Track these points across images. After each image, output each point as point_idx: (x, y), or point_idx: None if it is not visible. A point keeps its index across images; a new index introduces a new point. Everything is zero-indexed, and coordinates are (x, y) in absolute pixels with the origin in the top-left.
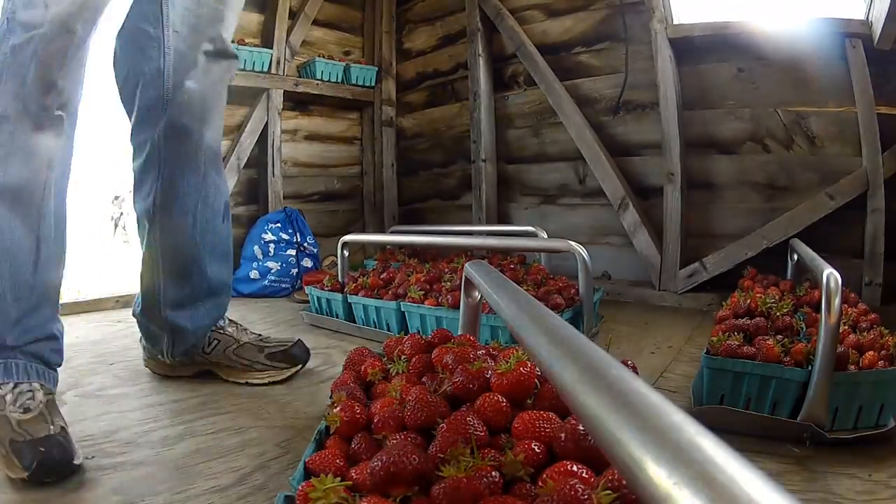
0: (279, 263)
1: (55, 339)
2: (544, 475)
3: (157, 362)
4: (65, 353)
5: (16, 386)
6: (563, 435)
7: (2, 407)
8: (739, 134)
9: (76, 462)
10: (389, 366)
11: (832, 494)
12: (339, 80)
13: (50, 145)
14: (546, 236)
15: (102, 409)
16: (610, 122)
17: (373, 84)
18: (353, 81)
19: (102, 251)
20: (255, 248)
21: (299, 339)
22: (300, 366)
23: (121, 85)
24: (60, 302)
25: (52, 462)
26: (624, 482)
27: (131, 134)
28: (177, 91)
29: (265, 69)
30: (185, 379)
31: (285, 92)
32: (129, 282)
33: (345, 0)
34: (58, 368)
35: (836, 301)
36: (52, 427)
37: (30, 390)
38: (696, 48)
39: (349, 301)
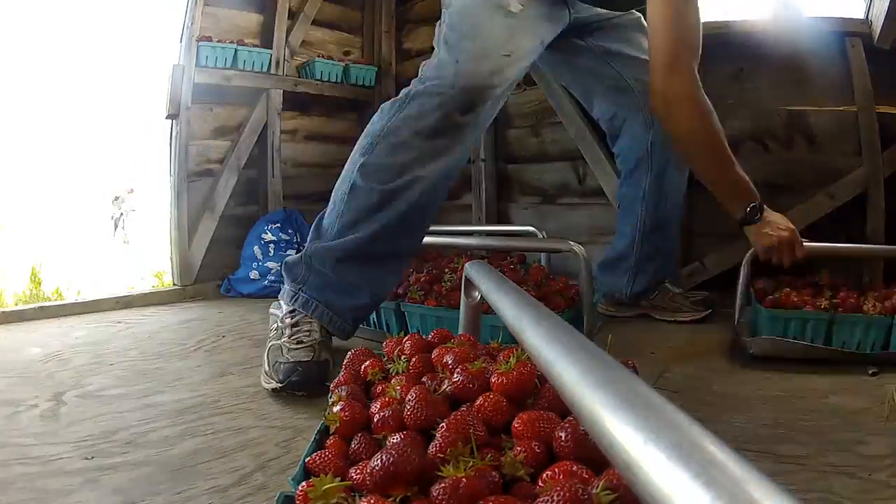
0: (279, 264)
1: (362, 289)
2: (544, 475)
3: (607, 303)
4: (65, 353)
5: (297, 324)
6: (563, 435)
7: (280, 336)
8: (739, 133)
9: (329, 384)
10: (389, 366)
11: (832, 494)
12: (339, 80)
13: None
14: (545, 236)
15: (102, 409)
16: None
17: (372, 84)
18: (353, 81)
19: (102, 251)
20: (255, 248)
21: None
22: (711, 310)
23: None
24: (65, 302)
25: (299, 382)
26: (624, 482)
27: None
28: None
29: (265, 69)
30: (185, 379)
31: (285, 92)
32: (130, 281)
33: (344, 0)
34: (360, 318)
35: None
36: (315, 356)
37: (308, 330)
38: None
39: None
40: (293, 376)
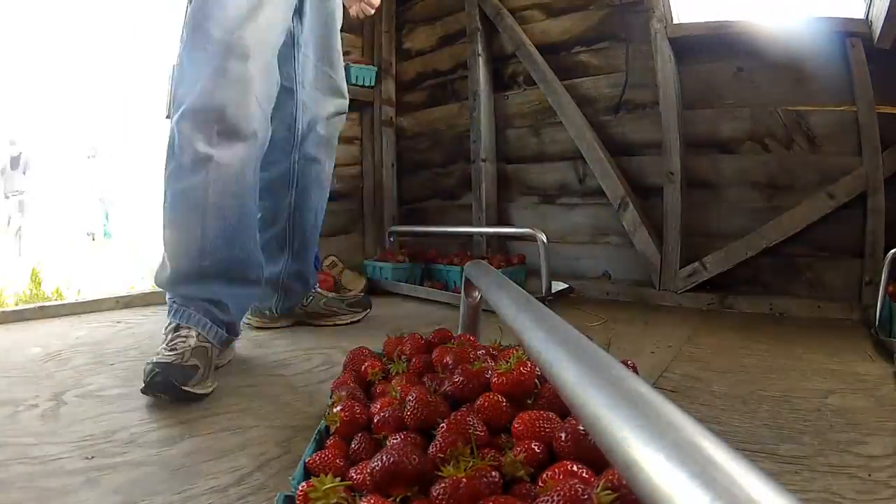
0: None
1: (221, 304)
2: (544, 475)
3: (259, 317)
4: (65, 353)
5: (177, 329)
6: (563, 435)
7: (161, 347)
8: (739, 133)
9: (188, 389)
10: (389, 366)
11: (832, 494)
12: None
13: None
14: (545, 239)
15: (102, 409)
16: (609, 122)
17: (373, 84)
18: (353, 81)
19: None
20: None
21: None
22: (369, 310)
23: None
24: (65, 302)
25: (159, 383)
26: (624, 482)
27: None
28: (309, 131)
29: None
30: None
31: None
32: (130, 280)
33: None
34: (233, 327)
35: None
36: (180, 360)
37: (185, 336)
38: (696, 48)
39: None
40: (154, 377)
